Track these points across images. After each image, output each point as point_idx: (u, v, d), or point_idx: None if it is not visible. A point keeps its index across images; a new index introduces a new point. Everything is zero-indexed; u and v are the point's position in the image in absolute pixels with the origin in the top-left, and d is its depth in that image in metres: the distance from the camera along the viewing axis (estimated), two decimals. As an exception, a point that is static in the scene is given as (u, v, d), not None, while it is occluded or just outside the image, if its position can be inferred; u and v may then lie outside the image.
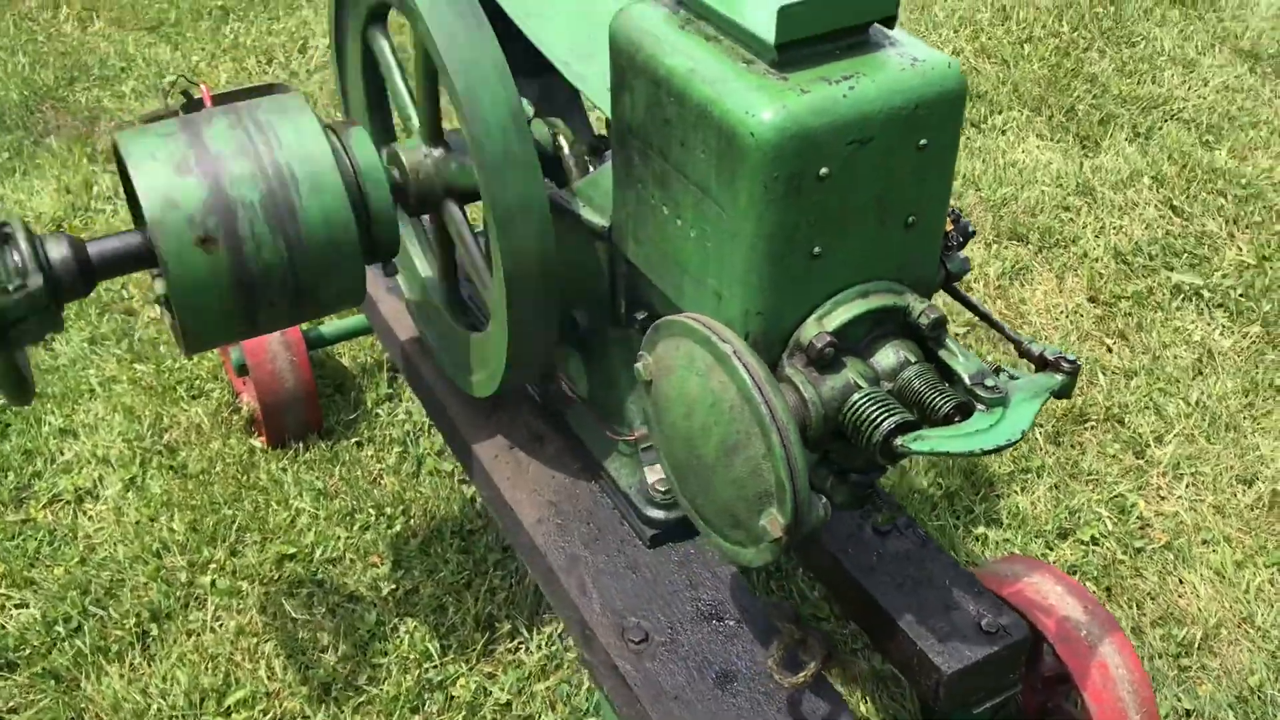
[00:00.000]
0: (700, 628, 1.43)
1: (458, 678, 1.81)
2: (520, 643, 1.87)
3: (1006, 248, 2.71)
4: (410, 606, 1.92)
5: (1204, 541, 2.06)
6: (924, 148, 1.17)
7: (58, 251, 1.40)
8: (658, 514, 1.51)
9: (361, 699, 1.78)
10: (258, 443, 2.20)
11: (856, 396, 1.19)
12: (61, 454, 2.19)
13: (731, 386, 1.10)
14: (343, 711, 1.77)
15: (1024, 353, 1.28)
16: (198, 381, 2.33)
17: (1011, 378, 1.22)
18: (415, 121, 1.59)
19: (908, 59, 1.15)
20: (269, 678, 1.81)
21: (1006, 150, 3.04)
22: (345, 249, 1.41)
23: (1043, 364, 1.26)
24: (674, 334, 1.18)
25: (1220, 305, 2.55)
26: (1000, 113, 3.20)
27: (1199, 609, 1.95)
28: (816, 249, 1.17)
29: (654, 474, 1.53)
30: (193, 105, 2.75)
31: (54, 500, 2.11)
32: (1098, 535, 2.06)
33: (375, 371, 2.36)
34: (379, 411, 2.27)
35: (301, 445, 2.18)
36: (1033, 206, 2.83)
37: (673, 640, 1.41)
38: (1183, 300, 2.56)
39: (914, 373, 1.21)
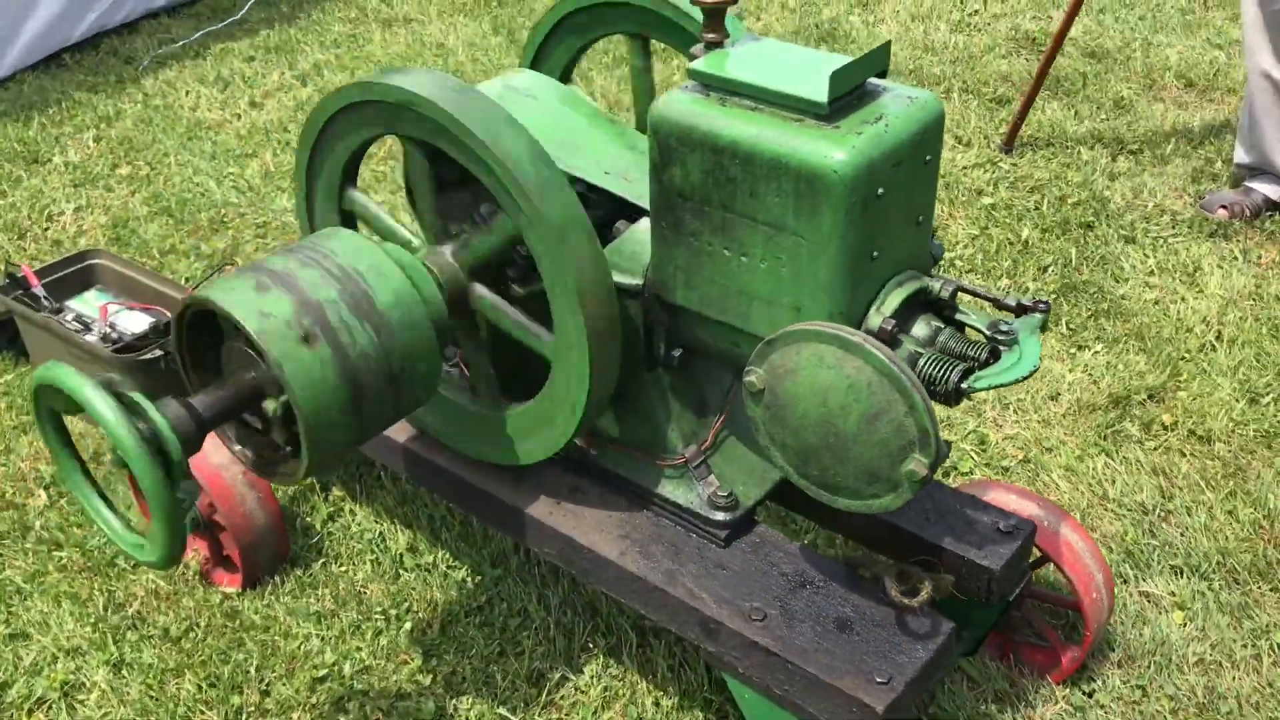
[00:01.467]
0: (799, 594, 1.70)
1: (534, 731, 1.96)
2: (573, 685, 2.04)
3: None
4: (459, 685, 2.03)
5: (1047, 449, 2.56)
6: (928, 162, 1.52)
7: (174, 413, 1.47)
8: (724, 516, 1.76)
9: (457, 778, 1.89)
10: (228, 588, 2.21)
11: (922, 361, 1.52)
12: (21, 658, 2.10)
13: (867, 368, 1.40)
14: (446, 794, 1.87)
15: (1002, 305, 1.66)
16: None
17: (1007, 324, 1.59)
18: (416, 241, 1.76)
19: (905, 98, 1.50)
20: (360, 789, 1.88)
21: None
22: (421, 327, 1.60)
23: (1021, 310, 1.64)
24: (792, 341, 1.46)
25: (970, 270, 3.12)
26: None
27: (1066, 499, 2.43)
28: (875, 253, 1.49)
29: (710, 486, 1.78)
30: (16, 283, 2.68)
31: (39, 704, 2.03)
32: (974, 466, 2.51)
33: (308, 495, 2.42)
34: (330, 530, 2.34)
35: (274, 580, 2.22)
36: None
37: (785, 610, 1.67)
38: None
39: (947, 335, 1.56)
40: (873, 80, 1.53)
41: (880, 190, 1.45)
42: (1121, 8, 4.66)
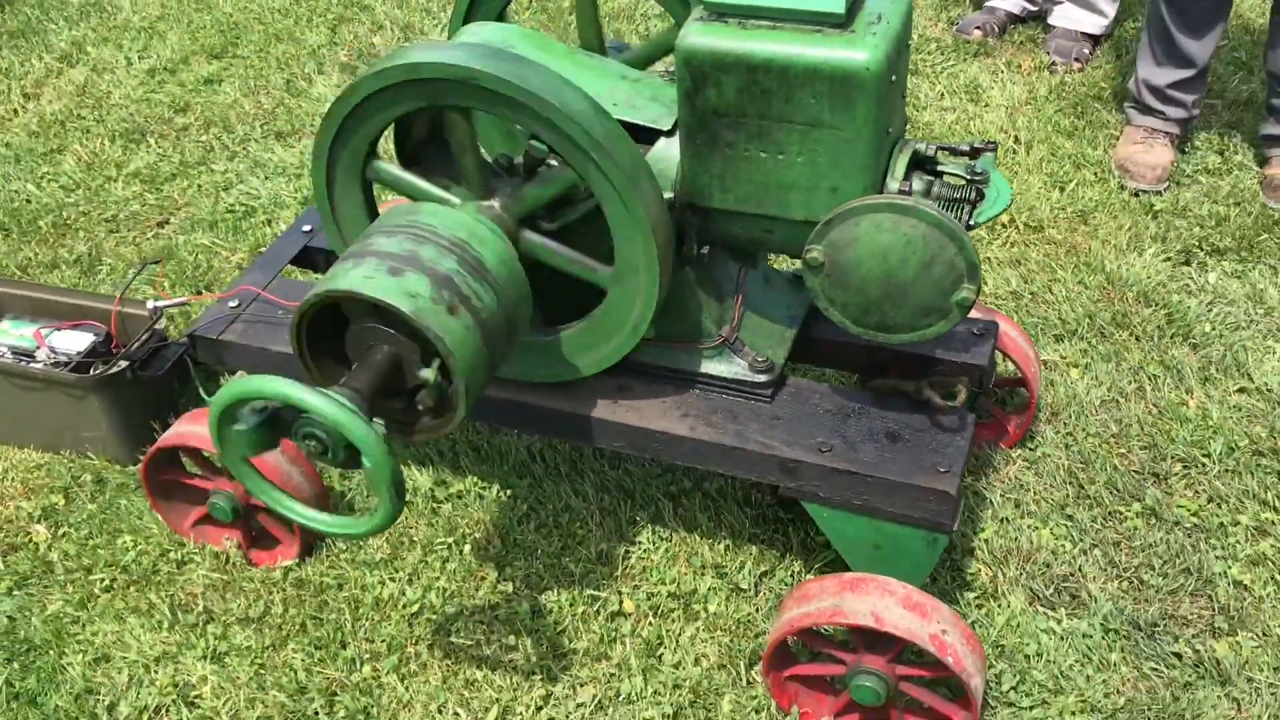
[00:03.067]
0: (847, 423, 2.03)
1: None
2: (636, 555, 2.32)
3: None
4: (540, 582, 2.27)
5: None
6: (909, 44, 1.83)
7: (353, 398, 1.62)
8: (766, 378, 2.07)
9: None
10: (285, 562, 2.33)
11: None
12: (115, 678, 2.16)
13: (921, 224, 1.73)
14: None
15: (959, 152, 2.01)
16: (168, 559, 2.35)
17: (979, 167, 1.95)
18: (457, 201, 1.92)
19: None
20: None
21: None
22: (519, 278, 1.82)
23: (975, 153, 2.00)
24: (849, 217, 1.76)
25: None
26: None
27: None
28: (890, 129, 1.80)
29: (748, 356, 2.07)
30: None
31: (156, 712, 2.11)
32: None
33: (313, 462, 2.53)
34: (352, 485, 2.48)
35: (324, 544, 2.35)
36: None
37: (844, 438, 2.01)
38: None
39: (940, 186, 1.90)
40: (851, -13, 1.82)
41: (894, 76, 1.75)
42: None
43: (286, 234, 2.56)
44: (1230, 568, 2.22)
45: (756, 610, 2.21)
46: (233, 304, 2.35)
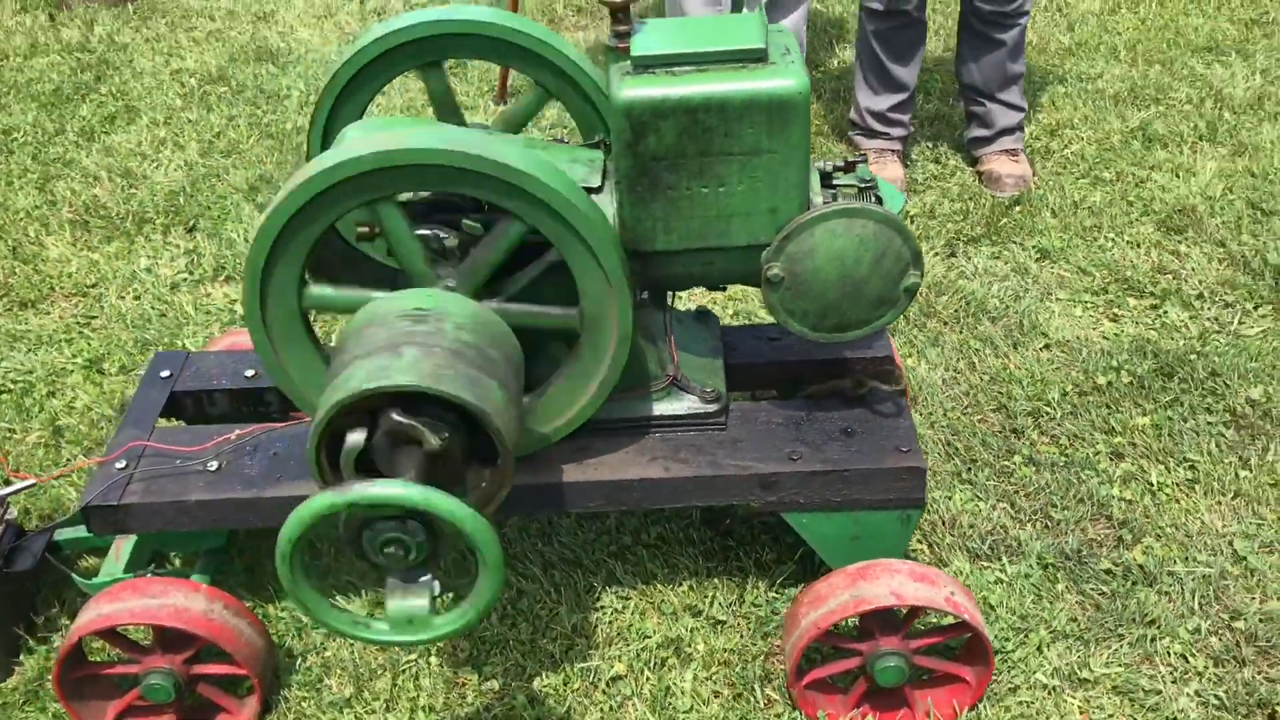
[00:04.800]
0: (802, 430, 2.15)
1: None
2: (609, 616, 2.31)
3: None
4: (524, 671, 2.21)
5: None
6: (801, 74, 2.01)
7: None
8: (717, 406, 2.15)
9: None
10: (244, 729, 2.12)
11: (850, 216, 2.03)
12: None
13: (870, 223, 1.89)
14: None
15: (836, 167, 2.21)
16: None
17: (865, 177, 2.14)
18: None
19: (777, 30, 1.97)
20: None
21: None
22: (517, 347, 1.83)
23: (849, 166, 2.20)
24: (802, 230, 1.89)
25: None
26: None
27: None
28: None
29: (695, 390, 2.15)
30: None
31: None
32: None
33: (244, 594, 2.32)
34: (286, 617, 2.30)
35: (281, 695, 2.17)
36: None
37: (807, 444, 2.11)
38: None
39: (843, 195, 2.08)
40: (745, 26, 1.97)
41: (809, 97, 1.92)
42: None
43: (145, 384, 2.36)
44: (1112, 489, 2.53)
45: (742, 636, 2.26)
46: (120, 465, 2.14)
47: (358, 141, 1.79)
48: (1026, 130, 3.82)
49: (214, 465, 2.15)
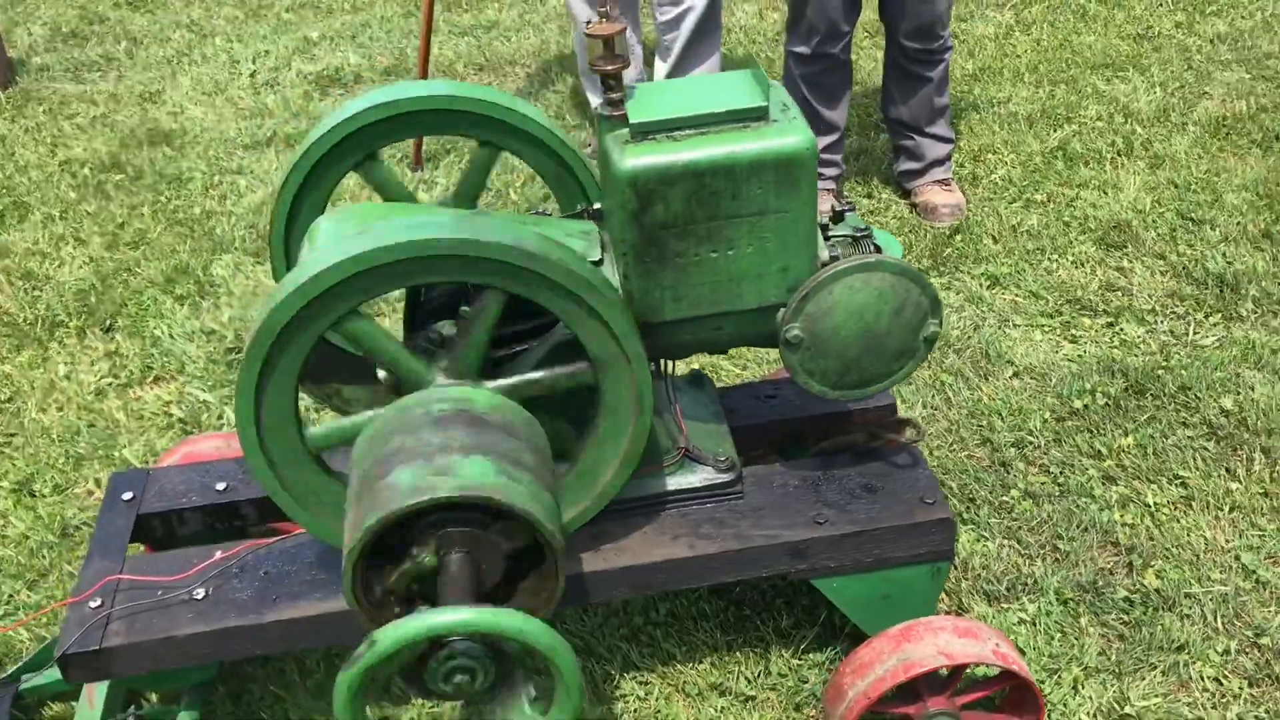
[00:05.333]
0: (820, 490, 2.07)
1: None
2: (634, 705, 2.19)
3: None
4: None
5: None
6: (796, 127, 1.95)
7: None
8: (732, 475, 2.06)
9: None
10: None
11: (855, 268, 1.98)
12: None
13: (887, 275, 1.83)
14: None
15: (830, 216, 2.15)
16: None
17: (860, 227, 2.09)
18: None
19: (772, 87, 1.91)
20: None
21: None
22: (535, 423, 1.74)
23: (839, 216, 2.14)
24: (820, 288, 1.83)
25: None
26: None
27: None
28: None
29: (709, 460, 2.06)
30: None
31: None
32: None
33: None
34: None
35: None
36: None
37: (828, 505, 2.04)
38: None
39: (844, 245, 2.02)
40: (735, 83, 1.91)
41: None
42: None
43: (107, 509, 2.17)
44: (1113, 514, 2.52)
45: (775, 709, 2.17)
46: (94, 604, 1.96)
47: (372, 234, 1.66)
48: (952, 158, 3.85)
49: (200, 593, 1.97)
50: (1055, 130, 4.10)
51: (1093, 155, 3.92)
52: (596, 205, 2.08)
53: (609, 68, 1.81)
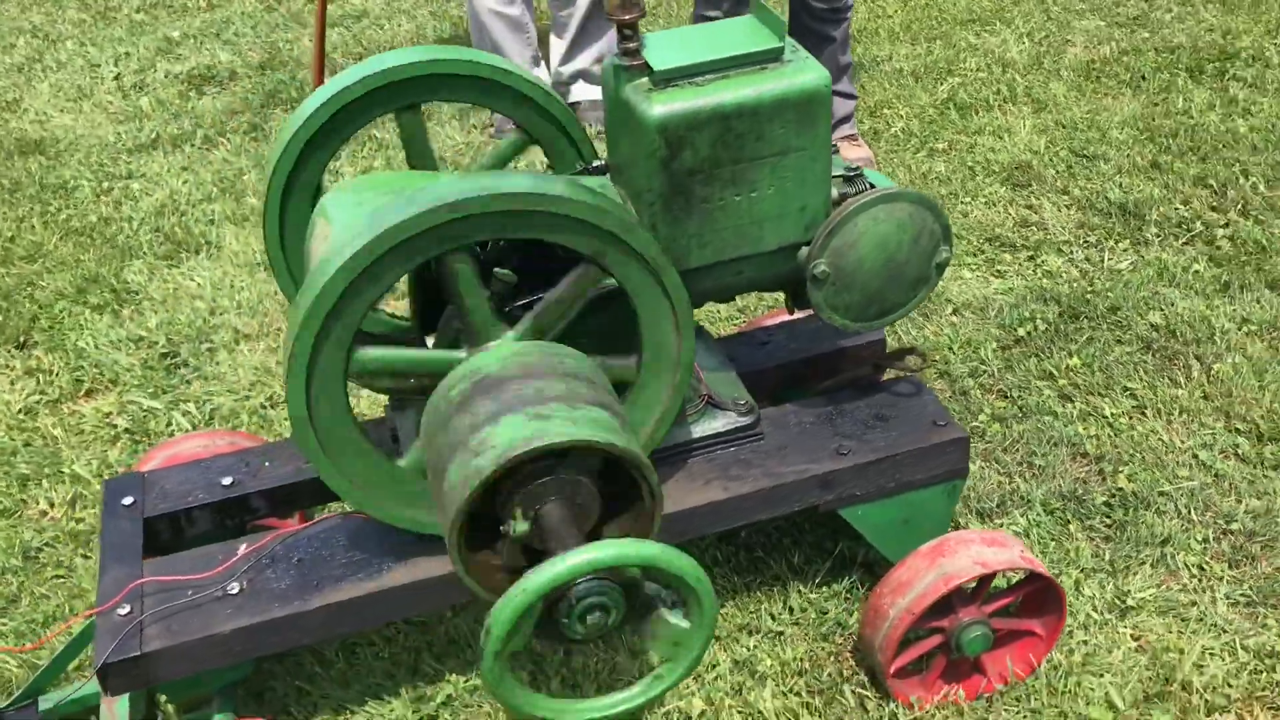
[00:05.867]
0: (837, 423, 2.13)
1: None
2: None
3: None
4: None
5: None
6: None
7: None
8: (753, 417, 2.10)
9: None
10: None
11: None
12: None
13: (906, 204, 1.90)
14: None
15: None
16: None
17: (850, 166, 2.15)
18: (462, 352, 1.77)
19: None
20: None
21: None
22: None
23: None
24: (847, 221, 1.88)
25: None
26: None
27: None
28: (827, 138, 1.96)
29: (729, 404, 2.10)
30: None
31: None
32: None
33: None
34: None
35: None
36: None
37: (847, 435, 2.11)
38: None
39: (842, 185, 2.08)
40: (743, 27, 1.95)
41: (826, 88, 1.92)
42: None
43: (109, 517, 2.07)
44: (1076, 428, 2.67)
45: (806, 643, 2.23)
46: (124, 611, 1.87)
47: (440, 187, 1.63)
48: (854, 115, 3.98)
49: (235, 587, 1.91)
50: (941, 83, 4.27)
51: (981, 104, 4.11)
52: (597, 162, 2.09)
53: (627, 17, 1.82)
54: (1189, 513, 2.43)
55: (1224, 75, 4.15)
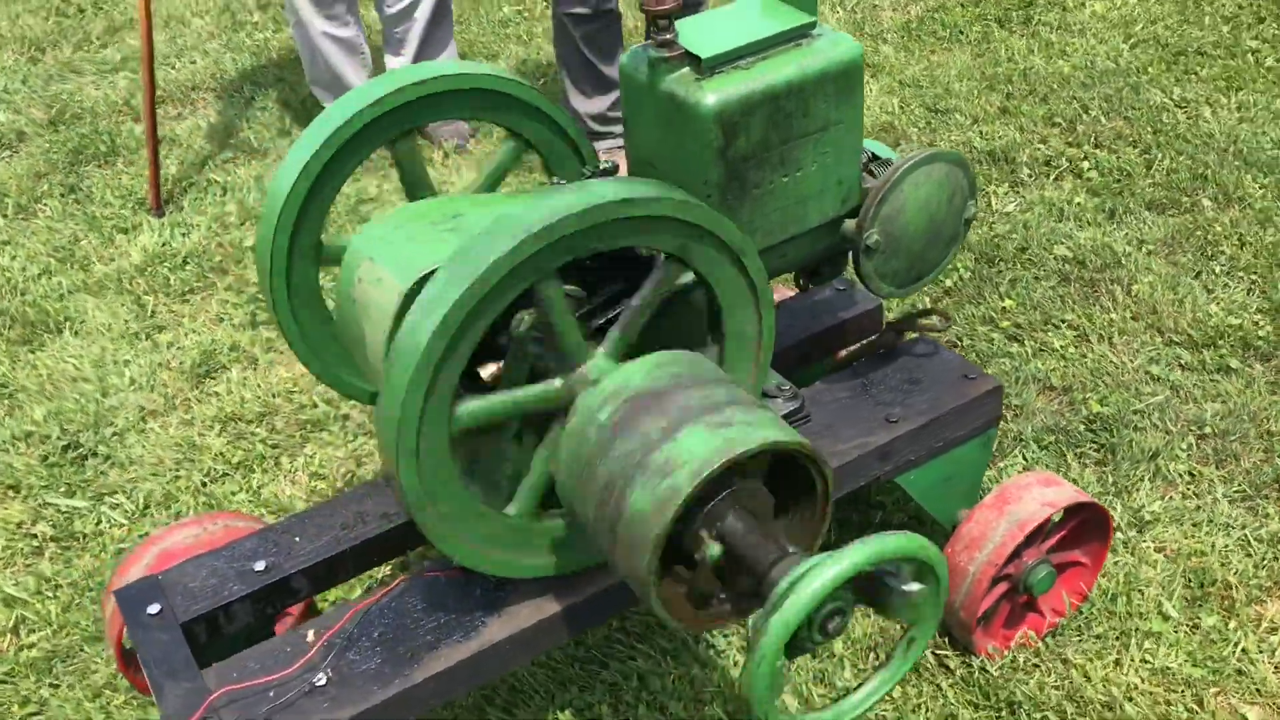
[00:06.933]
0: (874, 392, 2.12)
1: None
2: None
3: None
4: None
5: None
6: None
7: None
8: (798, 402, 2.07)
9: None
10: None
11: (873, 173, 2.05)
12: None
13: (942, 165, 1.91)
14: None
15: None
16: None
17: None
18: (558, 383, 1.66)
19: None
20: None
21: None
22: None
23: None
24: (893, 188, 1.88)
25: None
26: None
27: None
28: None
29: (773, 391, 2.06)
30: None
31: None
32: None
33: None
34: None
35: None
36: (172, 358, 3.00)
37: (889, 403, 2.10)
38: None
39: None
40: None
41: (858, 58, 1.90)
42: None
43: (141, 633, 1.82)
44: (1036, 363, 2.78)
45: (868, 618, 2.22)
46: (214, 726, 1.66)
47: (523, 212, 1.51)
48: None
49: (321, 679, 1.73)
50: (777, 58, 4.35)
51: (823, 73, 4.21)
52: (604, 165, 2.01)
53: (663, 7, 1.74)
54: (1165, 425, 2.58)
55: (1030, 22, 4.41)
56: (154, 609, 1.86)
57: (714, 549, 1.41)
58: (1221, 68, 3.96)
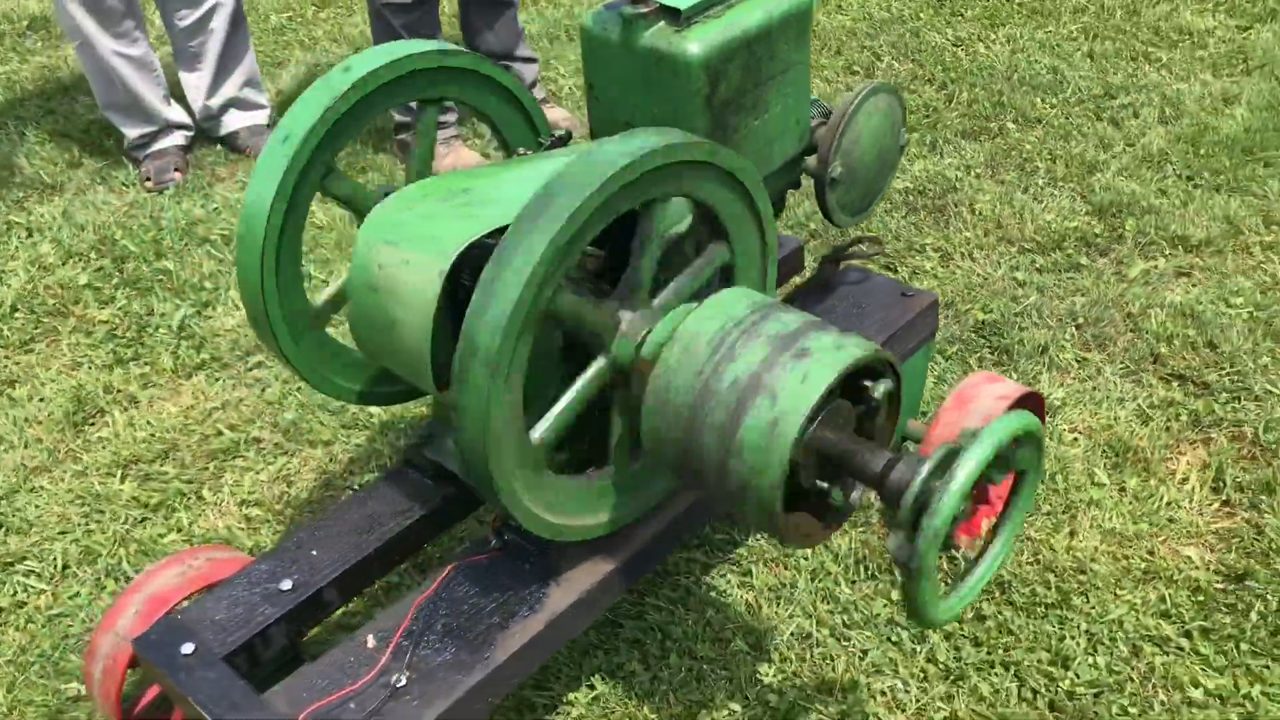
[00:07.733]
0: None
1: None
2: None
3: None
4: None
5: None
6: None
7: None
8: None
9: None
10: None
11: (807, 113, 2.16)
12: None
13: (885, 96, 2.05)
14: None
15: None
16: None
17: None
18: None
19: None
20: None
21: None
22: None
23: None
24: (849, 121, 1.99)
25: None
26: None
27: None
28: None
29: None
30: None
31: None
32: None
33: None
34: None
35: None
36: None
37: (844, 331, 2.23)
38: None
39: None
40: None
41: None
42: None
43: (185, 673, 1.71)
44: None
45: (846, 537, 2.34)
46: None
47: (607, 151, 1.52)
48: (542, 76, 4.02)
49: (402, 680, 1.68)
50: (575, 38, 4.42)
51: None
52: (558, 133, 2.03)
53: (640, -35, 1.78)
54: (1045, 321, 2.84)
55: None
56: (188, 648, 1.74)
57: (880, 387, 1.51)
58: (982, 8, 4.34)
